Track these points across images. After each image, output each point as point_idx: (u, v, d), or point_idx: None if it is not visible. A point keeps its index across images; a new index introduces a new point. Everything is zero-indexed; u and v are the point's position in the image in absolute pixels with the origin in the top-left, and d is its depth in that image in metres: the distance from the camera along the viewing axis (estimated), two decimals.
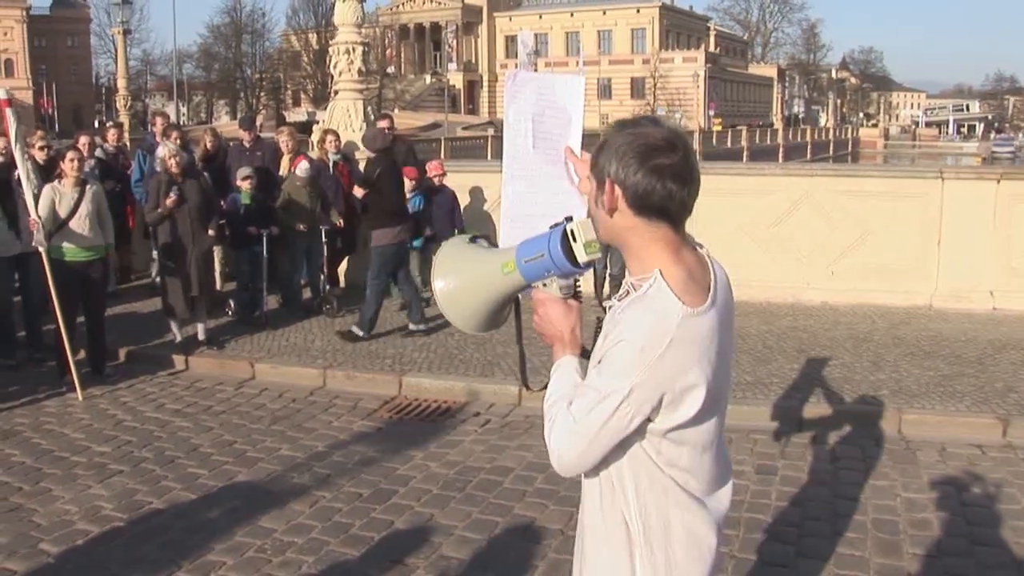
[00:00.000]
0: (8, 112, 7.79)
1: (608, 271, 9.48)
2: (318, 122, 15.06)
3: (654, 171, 1.95)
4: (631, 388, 1.92)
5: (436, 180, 10.60)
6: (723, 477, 2.18)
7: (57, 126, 69.27)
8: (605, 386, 1.95)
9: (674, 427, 1.99)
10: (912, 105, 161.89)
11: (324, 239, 10.52)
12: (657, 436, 2.01)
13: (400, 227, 9.26)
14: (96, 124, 69.88)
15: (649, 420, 1.97)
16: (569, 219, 2.12)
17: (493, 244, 2.34)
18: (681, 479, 2.06)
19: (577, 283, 2.23)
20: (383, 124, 11.29)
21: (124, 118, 25.66)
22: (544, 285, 2.19)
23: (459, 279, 2.24)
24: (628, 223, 2.01)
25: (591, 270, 2.18)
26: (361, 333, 9.08)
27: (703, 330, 1.97)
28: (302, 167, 10.23)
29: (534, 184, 2.44)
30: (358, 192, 9.38)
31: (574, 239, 2.08)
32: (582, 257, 2.08)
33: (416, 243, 10.04)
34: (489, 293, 2.23)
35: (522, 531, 5.20)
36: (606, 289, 10.18)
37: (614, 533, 2.10)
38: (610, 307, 2.09)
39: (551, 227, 2.14)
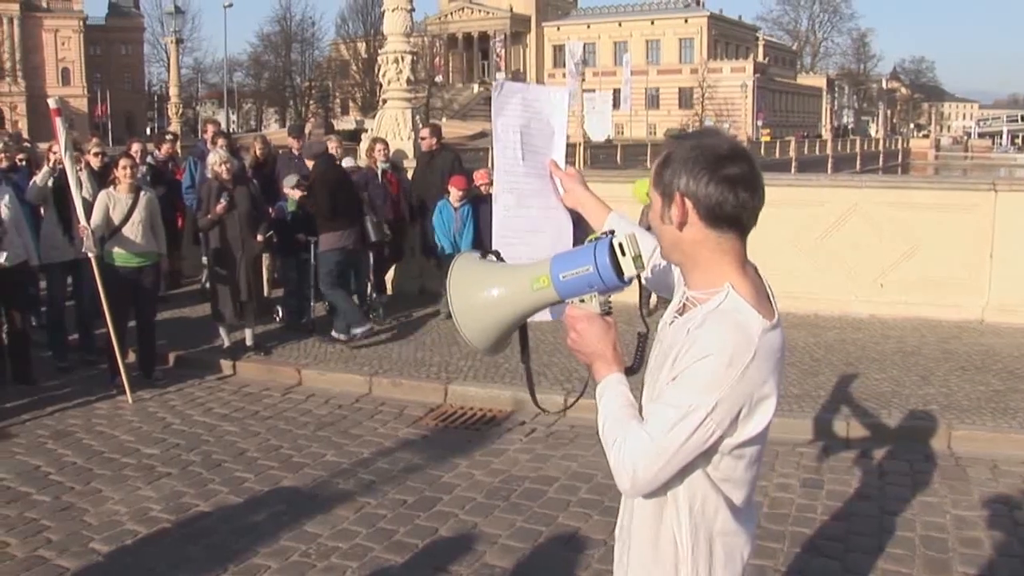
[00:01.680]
0: (58, 121, 7.92)
1: None
2: (366, 130, 15.15)
3: (725, 181, 1.94)
4: (716, 403, 1.89)
5: (483, 189, 10.63)
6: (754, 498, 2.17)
7: (110, 133, 70.41)
8: (688, 402, 1.90)
9: (743, 441, 1.98)
10: (964, 116, 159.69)
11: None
12: (720, 453, 1.99)
13: (343, 232, 9.30)
14: (148, 131, 70.99)
15: (722, 436, 1.95)
16: (611, 233, 2.06)
17: (501, 260, 2.25)
18: (730, 493, 2.05)
19: (608, 300, 2.14)
20: (424, 133, 11.39)
21: (175, 125, 26.02)
22: (582, 301, 2.10)
23: (483, 295, 2.15)
24: (698, 236, 1.98)
25: (629, 285, 2.10)
26: (342, 336, 9.19)
27: (776, 343, 1.97)
28: None
29: (524, 199, 2.41)
30: (297, 195, 9.57)
31: (623, 253, 2.02)
32: (630, 271, 2.03)
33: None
34: (516, 310, 2.16)
35: (566, 541, 5.19)
36: (653, 301, 10.15)
37: (662, 550, 2.09)
38: (671, 323, 2.07)
39: (590, 241, 2.07)
